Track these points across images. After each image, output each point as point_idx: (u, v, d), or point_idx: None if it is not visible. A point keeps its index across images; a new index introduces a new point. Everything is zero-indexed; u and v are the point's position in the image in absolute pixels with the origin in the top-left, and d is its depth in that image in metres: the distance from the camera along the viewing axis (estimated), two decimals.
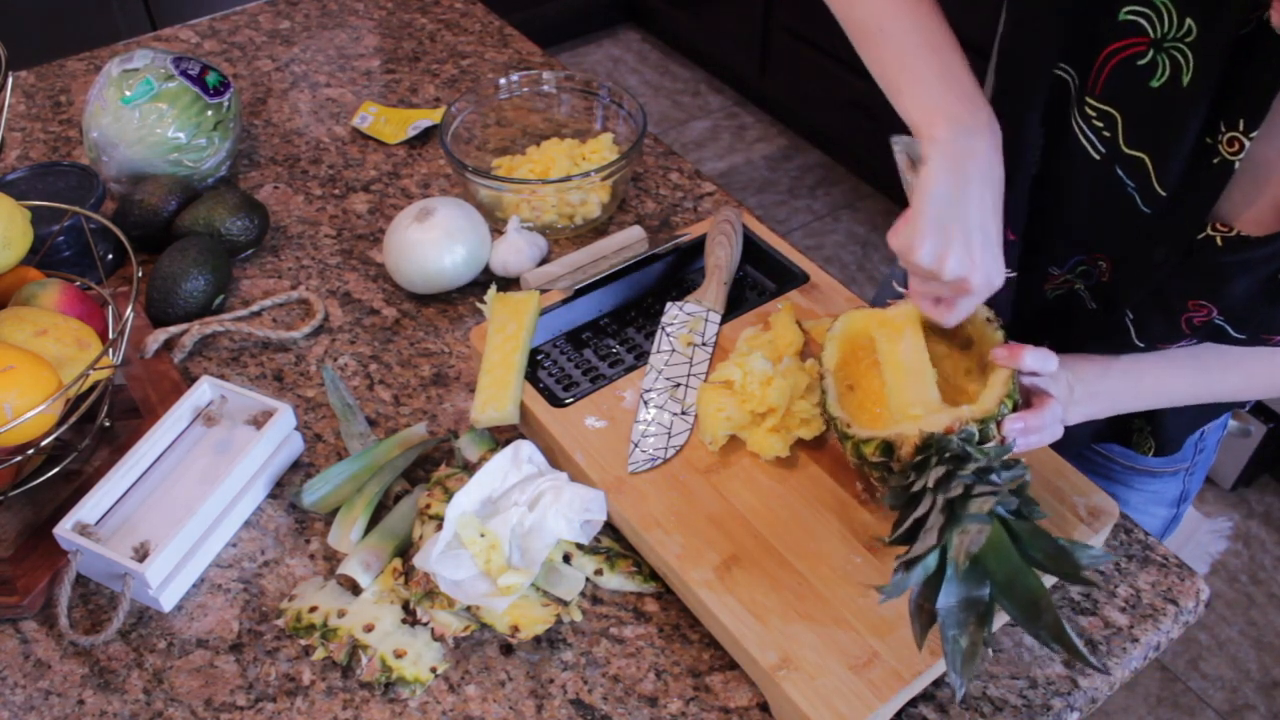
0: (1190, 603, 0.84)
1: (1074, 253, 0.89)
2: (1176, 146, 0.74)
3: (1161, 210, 0.77)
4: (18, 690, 0.79)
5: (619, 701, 0.78)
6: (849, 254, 2.72)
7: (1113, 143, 0.78)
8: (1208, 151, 0.74)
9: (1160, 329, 0.83)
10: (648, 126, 1.20)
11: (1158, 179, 0.76)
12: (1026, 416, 0.76)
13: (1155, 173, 0.76)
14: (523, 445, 0.88)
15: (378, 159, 1.30)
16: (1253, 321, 0.78)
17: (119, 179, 1.18)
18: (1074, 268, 0.90)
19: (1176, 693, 1.87)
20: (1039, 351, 0.77)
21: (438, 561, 0.79)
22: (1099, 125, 0.78)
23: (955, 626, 0.68)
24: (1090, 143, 0.79)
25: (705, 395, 0.89)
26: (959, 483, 0.69)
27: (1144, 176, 0.77)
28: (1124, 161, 0.78)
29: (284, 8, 1.58)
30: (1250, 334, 0.79)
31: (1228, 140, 0.73)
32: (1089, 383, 0.84)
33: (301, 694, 0.79)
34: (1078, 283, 0.91)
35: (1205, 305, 0.79)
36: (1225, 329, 0.79)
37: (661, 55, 3.39)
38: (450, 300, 1.11)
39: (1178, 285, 0.80)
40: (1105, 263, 0.87)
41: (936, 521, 0.69)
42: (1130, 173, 0.78)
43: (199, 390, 0.93)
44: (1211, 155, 0.74)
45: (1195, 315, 0.80)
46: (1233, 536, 2.10)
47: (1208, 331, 0.80)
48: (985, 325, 0.82)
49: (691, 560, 0.80)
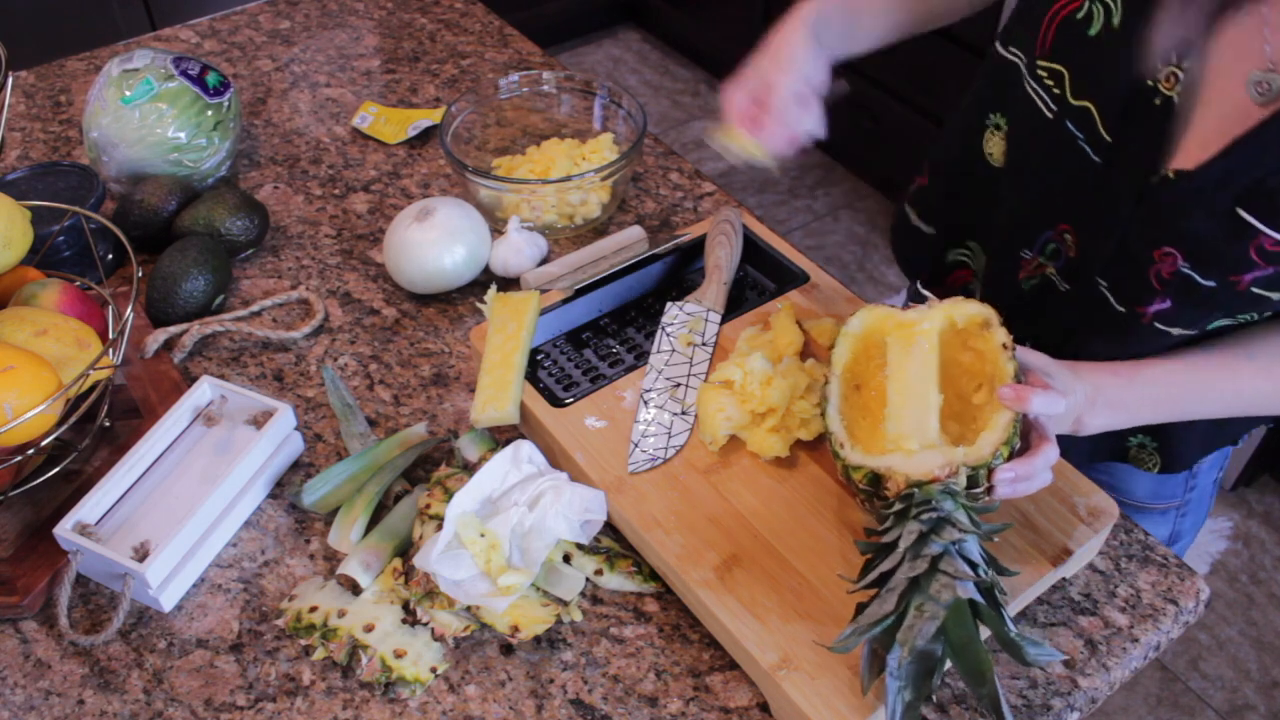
0: (1190, 603, 0.84)
1: (1041, 229, 0.90)
2: (1115, 89, 0.78)
3: (1110, 157, 0.80)
4: (18, 690, 0.79)
5: (619, 701, 0.78)
6: (849, 254, 2.72)
7: (1061, 98, 0.83)
8: (1148, 93, 0.77)
9: (1132, 287, 0.83)
10: (648, 126, 1.20)
11: (1103, 125, 0.80)
12: (1018, 466, 0.73)
13: (1101, 119, 0.80)
14: (523, 445, 0.88)
15: (378, 159, 1.30)
16: (1217, 263, 0.78)
17: (119, 179, 1.18)
18: (1044, 247, 0.91)
19: (1176, 693, 1.87)
20: (1047, 395, 0.74)
21: (438, 561, 0.79)
22: (1049, 83, 0.83)
23: (902, 679, 0.68)
24: (1043, 101, 0.84)
25: (705, 395, 0.89)
26: (929, 554, 0.68)
27: (1091, 126, 0.80)
28: (1072, 114, 0.82)
29: (284, 8, 1.58)
30: (1218, 278, 0.78)
31: (1165, 76, 0.76)
32: (1111, 393, 0.81)
33: (301, 694, 0.79)
34: (1049, 265, 0.91)
35: (1170, 252, 0.79)
36: (1193, 277, 0.79)
37: (661, 55, 3.39)
38: (450, 300, 1.11)
39: (1139, 233, 0.81)
40: (1071, 235, 0.88)
41: (900, 584, 0.68)
42: (1079, 124, 0.81)
43: (199, 390, 0.93)
44: (1153, 96, 0.76)
45: (1163, 266, 0.80)
46: (1233, 536, 2.10)
47: (1178, 284, 0.80)
48: (1000, 352, 0.78)
49: (691, 560, 0.80)
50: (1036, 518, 0.83)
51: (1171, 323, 0.83)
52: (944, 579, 0.67)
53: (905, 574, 0.69)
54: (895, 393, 0.79)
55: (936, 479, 0.72)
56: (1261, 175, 0.73)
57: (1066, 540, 0.81)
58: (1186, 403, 0.85)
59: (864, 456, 0.77)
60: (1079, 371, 0.81)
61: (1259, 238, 0.75)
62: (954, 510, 0.70)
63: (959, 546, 0.69)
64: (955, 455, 0.73)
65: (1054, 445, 0.76)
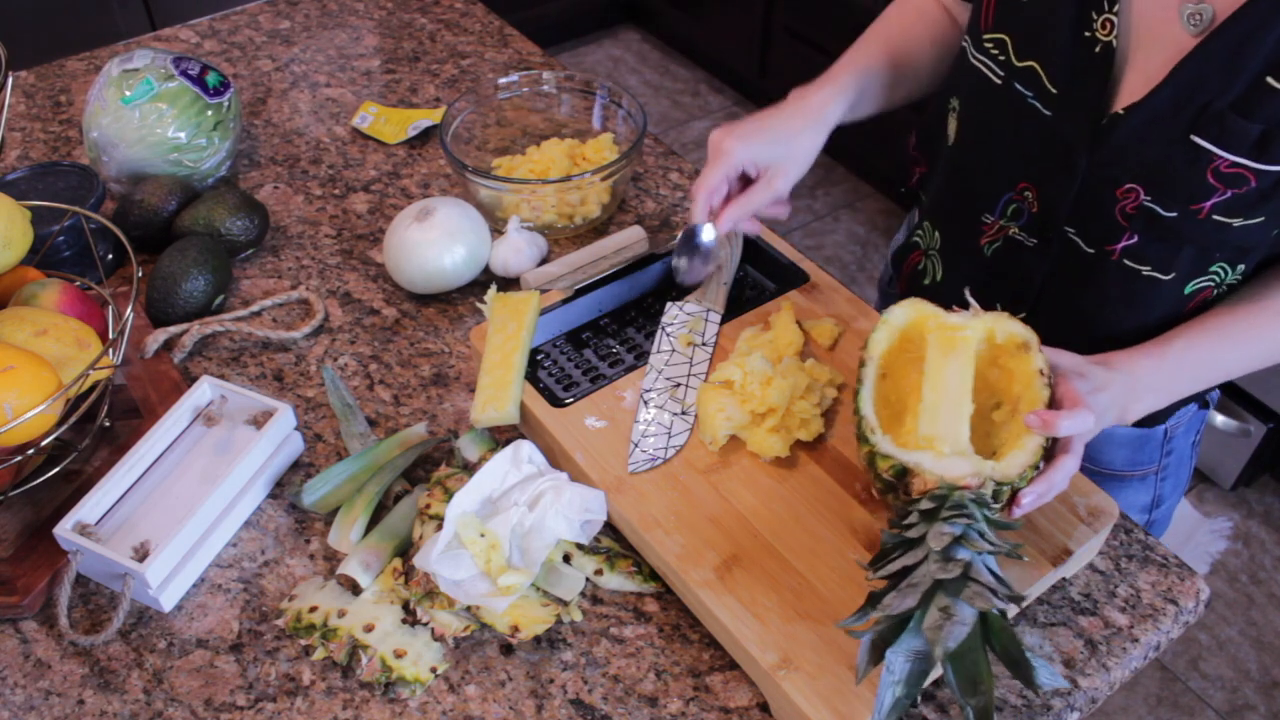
0: (1190, 603, 0.84)
1: (1001, 191, 0.94)
2: (1054, 44, 0.84)
3: (1059, 108, 0.85)
4: (18, 690, 0.79)
5: (619, 701, 0.78)
6: (849, 254, 2.72)
7: (1006, 63, 0.88)
8: (1089, 44, 0.83)
9: (1099, 228, 0.87)
10: (648, 126, 1.20)
11: (1048, 78, 0.85)
12: (1038, 486, 0.74)
13: (1045, 74, 0.86)
14: (523, 445, 0.88)
15: (378, 159, 1.30)
16: (1177, 192, 0.81)
17: (119, 179, 1.18)
18: (1004, 209, 0.94)
19: (1176, 693, 1.87)
20: (1074, 416, 0.74)
21: (438, 561, 0.79)
22: (995, 52, 0.89)
23: (897, 674, 0.68)
24: (990, 70, 0.90)
25: (705, 395, 0.89)
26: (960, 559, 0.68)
27: (1038, 83, 0.87)
28: (1019, 75, 0.88)
29: (284, 8, 1.58)
30: (1180, 208, 0.82)
31: (1101, 24, 0.81)
32: (1147, 377, 0.83)
33: (301, 694, 0.79)
34: (1011, 226, 0.94)
35: (1132, 188, 0.83)
36: (1156, 209, 0.83)
37: (661, 55, 3.39)
38: (450, 300, 1.11)
39: (1099, 175, 0.85)
40: (1031, 191, 0.91)
41: (925, 582, 0.68)
42: (1026, 83, 0.88)
43: (199, 390, 0.94)
44: (1093, 46, 0.82)
45: (1126, 203, 0.84)
46: (1233, 536, 2.10)
47: (1142, 218, 0.84)
48: (1035, 378, 0.77)
49: (691, 560, 0.80)
50: (1036, 518, 0.83)
51: (1140, 259, 0.86)
52: (976, 587, 0.67)
53: (933, 574, 0.68)
54: (931, 392, 0.78)
55: (968, 486, 0.72)
56: (1207, 100, 0.77)
57: (1066, 540, 0.81)
58: (1218, 365, 0.86)
59: (895, 448, 0.76)
60: (1111, 363, 0.82)
61: (1215, 161, 0.78)
62: (979, 522, 0.70)
63: (983, 558, 0.69)
64: (985, 468, 0.73)
65: (1074, 456, 0.76)
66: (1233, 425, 2.03)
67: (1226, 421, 2.04)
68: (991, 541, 0.70)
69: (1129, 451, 1.05)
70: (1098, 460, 1.06)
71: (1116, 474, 1.06)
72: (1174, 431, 1.05)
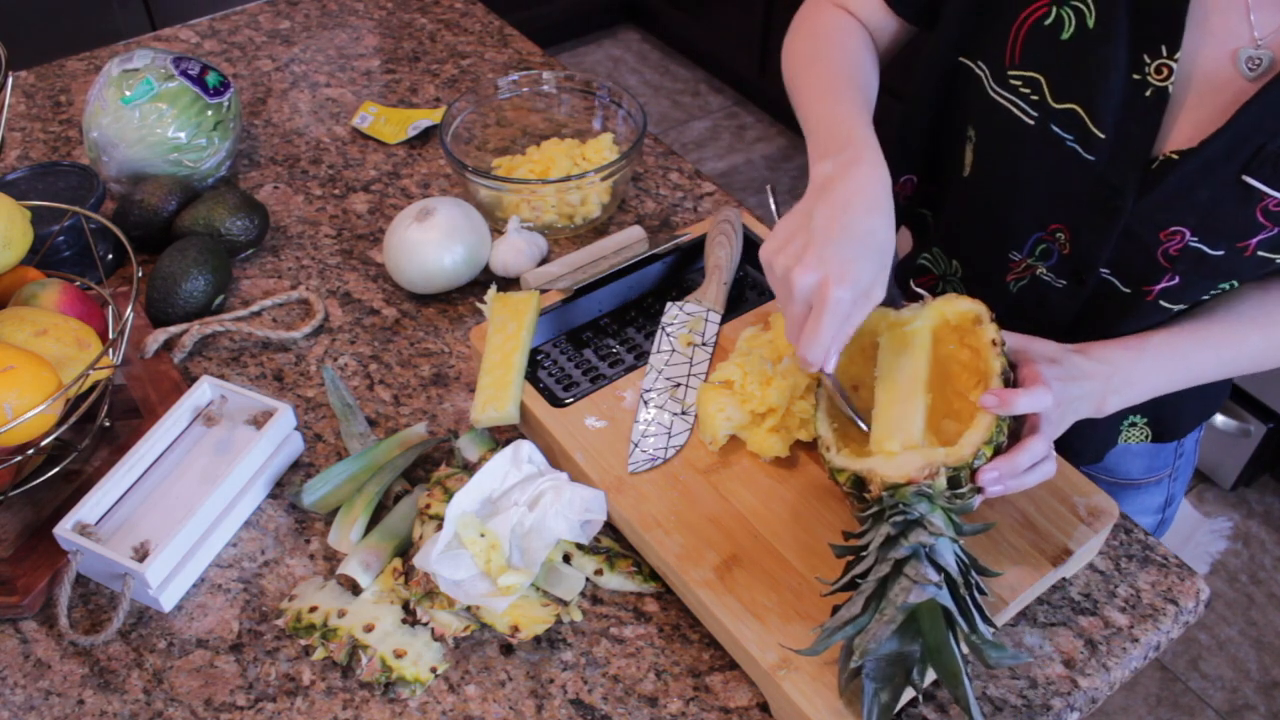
0: (1190, 603, 0.84)
1: (1030, 231, 0.91)
2: (1103, 86, 0.80)
3: (1105, 154, 0.82)
4: (18, 690, 0.79)
5: (619, 701, 0.78)
6: None
7: (1041, 103, 0.83)
8: (1140, 86, 0.79)
9: (1139, 269, 0.86)
10: (648, 126, 1.20)
11: (1093, 123, 0.81)
12: (1000, 464, 0.73)
13: (1090, 118, 0.81)
14: (523, 445, 0.88)
15: (378, 159, 1.30)
16: (1225, 232, 0.81)
17: (119, 179, 1.18)
18: (1033, 249, 0.92)
19: (1176, 693, 1.87)
20: (1032, 393, 0.73)
21: (438, 561, 0.79)
22: (1025, 91, 0.84)
23: (878, 680, 0.68)
24: (1021, 110, 0.84)
25: (705, 395, 0.89)
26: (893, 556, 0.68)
27: (1080, 126, 0.82)
28: (1057, 117, 0.83)
29: (284, 8, 1.58)
30: (1226, 247, 0.81)
31: (1155, 69, 0.78)
32: (1124, 368, 0.82)
33: (301, 694, 0.79)
34: (1039, 266, 0.92)
35: (1178, 230, 0.82)
36: (1203, 249, 0.82)
37: (661, 55, 3.39)
38: (450, 300, 1.11)
39: (1144, 218, 0.83)
40: (1063, 233, 0.89)
41: (869, 587, 0.68)
42: (1065, 125, 0.83)
43: (199, 390, 0.93)
44: (1143, 89, 0.79)
45: (1170, 245, 0.83)
46: (1233, 536, 2.10)
47: (1187, 259, 0.83)
48: (988, 348, 0.77)
49: (691, 560, 0.80)
50: (1036, 518, 0.83)
51: (1177, 299, 0.86)
52: (905, 583, 0.67)
53: (874, 576, 0.69)
54: (882, 394, 0.79)
55: (913, 480, 0.71)
56: (1263, 142, 0.76)
57: (1066, 540, 0.81)
58: (1193, 367, 0.86)
59: (847, 459, 0.76)
60: (1090, 353, 0.81)
61: (1265, 200, 0.78)
62: (929, 512, 0.70)
63: (929, 549, 0.69)
64: (936, 456, 0.73)
65: (1041, 438, 0.75)
66: (1233, 425, 2.03)
67: (1226, 421, 2.04)
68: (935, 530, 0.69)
69: (1146, 460, 1.05)
70: (1115, 471, 1.05)
71: (1134, 483, 1.06)
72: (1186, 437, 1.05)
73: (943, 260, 1.05)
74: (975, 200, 0.96)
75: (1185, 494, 1.92)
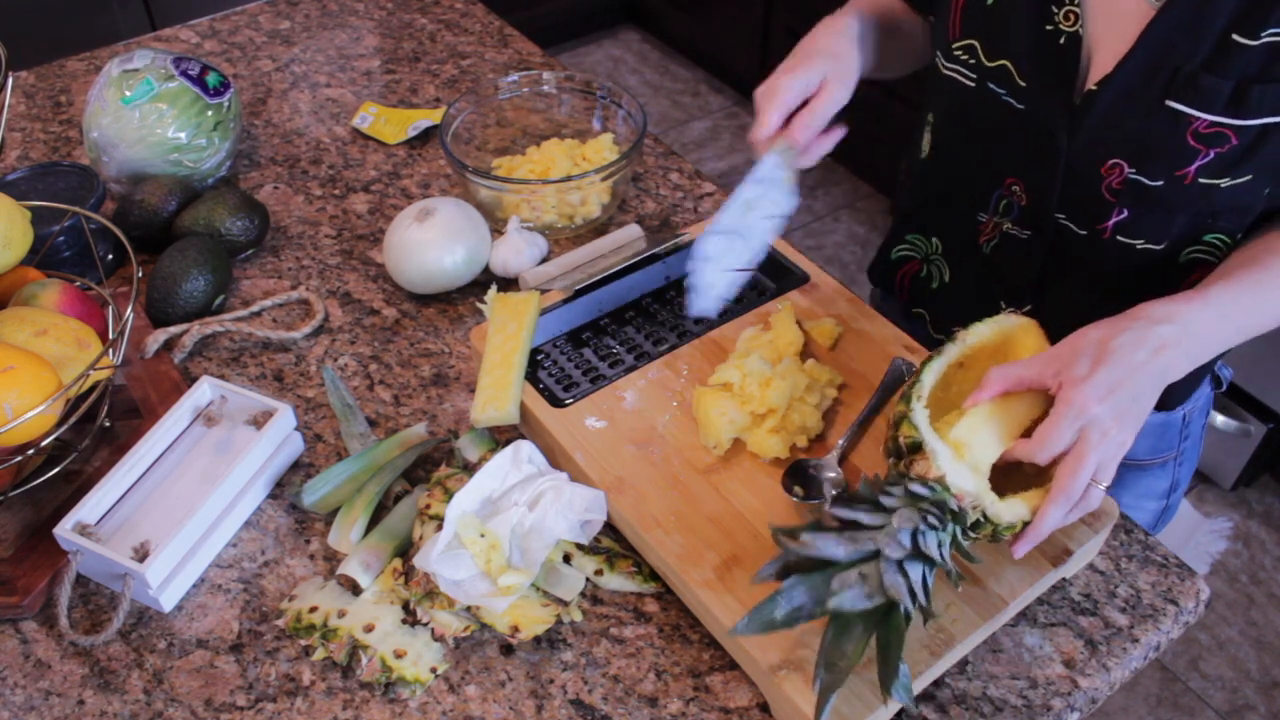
0: (1190, 603, 0.84)
1: (991, 189, 0.96)
2: (1019, 39, 0.87)
3: (1033, 100, 0.88)
4: (18, 690, 0.79)
5: (619, 702, 0.78)
6: (849, 254, 2.72)
7: (977, 65, 0.91)
8: (1053, 36, 0.85)
9: (1088, 208, 0.89)
10: (648, 126, 1.20)
11: (1018, 73, 0.88)
12: (1024, 542, 0.73)
13: (1016, 70, 0.88)
14: (523, 445, 0.88)
15: (378, 159, 1.30)
16: (1161, 160, 0.82)
17: (119, 179, 1.18)
18: (997, 205, 0.97)
19: (1176, 693, 1.87)
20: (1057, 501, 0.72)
21: (438, 561, 0.79)
22: (965, 58, 0.92)
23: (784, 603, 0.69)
24: (964, 75, 0.93)
25: (705, 398, 0.89)
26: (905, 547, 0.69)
27: (1009, 79, 0.89)
28: (991, 74, 0.90)
29: (284, 8, 1.58)
30: (1165, 176, 0.83)
31: (1064, 16, 0.84)
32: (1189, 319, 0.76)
33: (301, 694, 0.79)
34: (1005, 222, 0.97)
35: (1116, 163, 0.85)
36: (1142, 180, 0.84)
37: (661, 55, 3.39)
38: (450, 300, 1.11)
39: (1081, 155, 0.87)
40: (1018, 185, 0.94)
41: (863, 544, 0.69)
42: (999, 81, 0.90)
43: (199, 390, 0.94)
44: (1058, 38, 0.85)
45: (1112, 179, 0.86)
46: (1233, 536, 2.10)
47: (1130, 191, 0.85)
48: None
49: (691, 560, 0.80)
50: None
51: (1133, 234, 0.88)
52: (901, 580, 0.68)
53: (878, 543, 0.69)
54: (985, 409, 0.76)
55: (959, 498, 0.71)
56: (1177, 64, 0.78)
57: (1067, 540, 0.81)
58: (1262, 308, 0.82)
59: (927, 425, 0.74)
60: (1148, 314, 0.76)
61: (1193, 123, 0.80)
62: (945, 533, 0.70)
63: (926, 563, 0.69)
64: (985, 498, 0.72)
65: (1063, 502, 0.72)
66: (1233, 425, 2.03)
67: (1226, 421, 2.04)
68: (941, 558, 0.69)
69: (1152, 440, 1.05)
70: None
71: (1139, 463, 1.06)
72: (1191, 415, 1.05)
73: (922, 243, 1.09)
74: (938, 176, 1.04)
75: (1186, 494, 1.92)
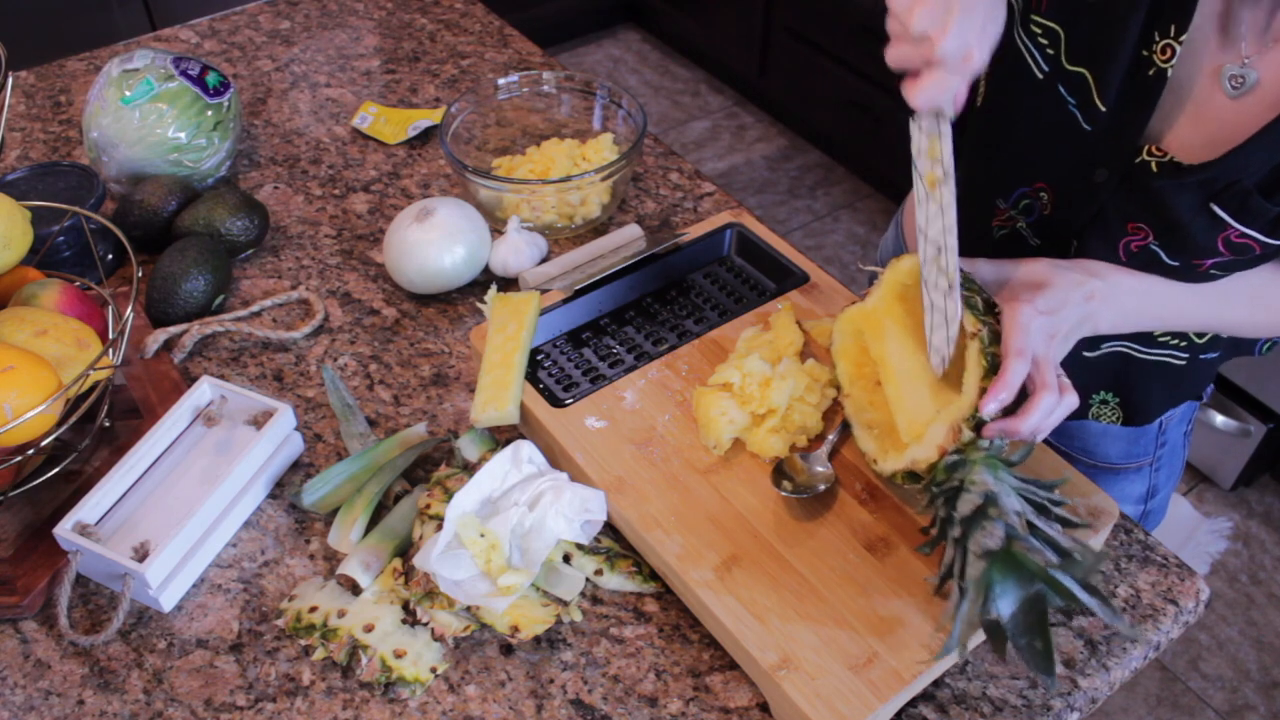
0: (1190, 603, 0.84)
1: (1018, 184, 0.92)
2: (1114, 58, 0.79)
3: (1102, 127, 0.82)
4: (18, 690, 0.79)
5: (619, 701, 0.78)
6: (849, 254, 2.72)
7: (1055, 60, 0.83)
8: (1143, 64, 0.79)
9: (1099, 254, 0.87)
10: (648, 126, 1.20)
11: (1098, 93, 0.81)
12: (1007, 425, 0.73)
13: (1096, 87, 0.81)
14: (523, 445, 0.88)
15: (378, 159, 1.30)
16: (1185, 248, 0.82)
17: (119, 179, 1.18)
18: (1017, 201, 0.93)
19: (1176, 693, 1.87)
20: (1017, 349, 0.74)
21: (438, 561, 0.79)
22: (1044, 42, 0.83)
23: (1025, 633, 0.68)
24: (1035, 61, 0.84)
25: (705, 399, 0.89)
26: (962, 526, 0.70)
27: (1085, 92, 0.82)
28: (1066, 78, 0.83)
29: (284, 8, 1.58)
30: (1182, 260, 0.83)
31: (1161, 49, 0.78)
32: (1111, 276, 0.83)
33: (301, 694, 0.79)
34: (1020, 220, 0.94)
35: (1142, 229, 0.83)
36: (1160, 255, 0.83)
37: (661, 55, 3.39)
38: (450, 300, 1.11)
39: (1117, 207, 0.84)
40: (1046, 194, 0.90)
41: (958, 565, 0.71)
42: (1072, 89, 0.83)
43: (199, 390, 0.94)
44: (1147, 67, 0.79)
45: (1133, 240, 0.84)
46: (1233, 536, 2.10)
47: (1144, 258, 0.84)
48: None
49: (691, 560, 0.80)
50: None
51: None
52: (975, 542, 0.70)
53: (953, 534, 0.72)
54: (889, 384, 0.81)
55: (944, 450, 0.73)
56: (1236, 178, 0.77)
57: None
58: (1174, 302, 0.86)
59: (888, 464, 0.79)
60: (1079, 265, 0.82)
61: (1228, 230, 0.79)
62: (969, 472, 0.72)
63: (992, 499, 0.70)
64: (949, 416, 0.75)
65: (1050, 391, 0.73)
66: (1233, 425, 2.03)
67: (1226, 421, 2.04)
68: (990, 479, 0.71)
69: (1125, 445, 1.06)
70: (1094, 454, 1.06)
71: (1113, 467, 1.07)
72: (1168, 424, 1.06)
73: None
74: (980, 133, 0.95)
75: (1186, 494, 1.92)
